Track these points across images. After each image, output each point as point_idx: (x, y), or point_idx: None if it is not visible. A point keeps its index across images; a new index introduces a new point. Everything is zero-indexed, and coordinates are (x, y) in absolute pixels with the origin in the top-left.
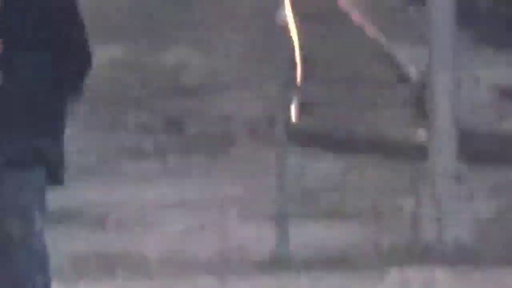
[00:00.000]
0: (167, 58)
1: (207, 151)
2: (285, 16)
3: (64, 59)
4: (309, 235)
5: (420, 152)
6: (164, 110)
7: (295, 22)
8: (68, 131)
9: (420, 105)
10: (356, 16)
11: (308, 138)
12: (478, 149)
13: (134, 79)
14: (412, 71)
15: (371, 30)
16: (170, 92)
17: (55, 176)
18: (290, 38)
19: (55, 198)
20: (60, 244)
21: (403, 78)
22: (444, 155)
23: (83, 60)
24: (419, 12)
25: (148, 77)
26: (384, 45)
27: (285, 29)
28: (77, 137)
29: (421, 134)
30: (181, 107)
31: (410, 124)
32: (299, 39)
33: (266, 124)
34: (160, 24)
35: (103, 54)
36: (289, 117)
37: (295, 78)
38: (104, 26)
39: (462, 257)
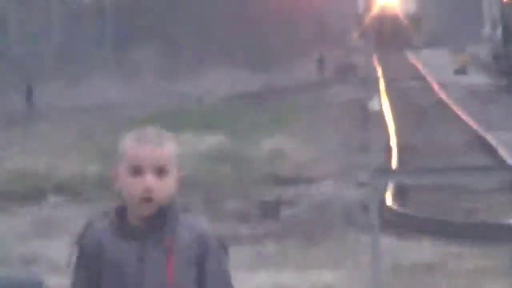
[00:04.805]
0: (263, 148)
1: (303, 237)
2: (378, 105)
3: None
4: None
5: None
6: (260, 198)
7: (390, 111)
8: None
9: None
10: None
11: (404, 223)
12: None
13: (232, 167)
14: (509, 157)
15: (465, 118)
16: (266, 180)
17: None
18: (384, 126)
19: None
20: None
21: (500, 164)
22: None
23: None
24: None
25: (245, 166)
26: (479, 132)
27: (378, 117)
28: None
29: None
30: (278, 195)
31: (507, 209)
32: (395, 127)
33: (361, 210)
34: (256, 115)
35: (203, 143)
36: (384, 203)
37: (389, 165)
38: (204, 117)
39: None
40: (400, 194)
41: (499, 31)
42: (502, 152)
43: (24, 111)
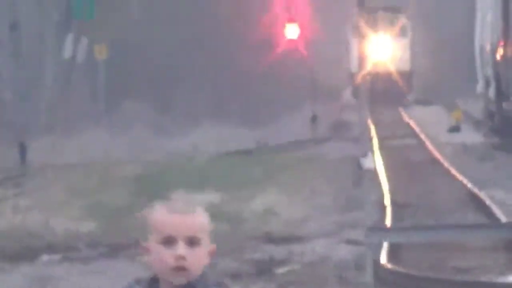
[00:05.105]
0: (256, 205)
1: None
2: (372, 163)
3: None
4: None
5: None
6: (254, 257)
7: (383, 168)
8: None
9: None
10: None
11: (398, 282)
12: None
13: (224, 225)
14: (502, 215)
15: (459, 176)
16: (259, 238)
17: None
18: (378, 184)
19: None
20: None
21: (494, 222)
22: None
23: None
24: (508, 158)
25: (238, 224)
26: (472, 190)
27: (372, 175)
28: None
29: None
30: (271, 254)
31: (501, 267)
32: (388, 185)
33: (354, 268)
34: (248, 172)
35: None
36: (378, 261)
37: (383, 222)
38: (196, 174)
39: None
40: (392, 252)
41: (492, 89)
42: (496, 210)
43: (17, 168)
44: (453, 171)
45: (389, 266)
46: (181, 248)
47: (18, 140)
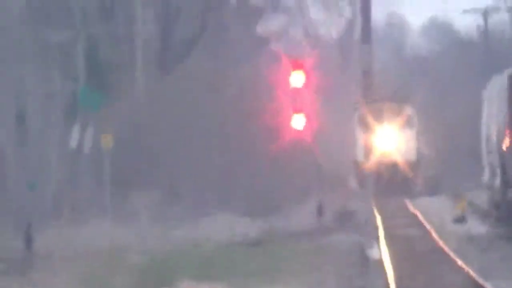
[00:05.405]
0: None
1: None
2: (377, 252)
3: None
4: None
5: None
6: None
7: (389, 258)
8: None
9: None
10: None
11: None
12: None
13: None
14: None
15: (464, 266)
16: None
17: None
18: (383, 273)
19: None
20: None
21: None
22: None
23: None
24: None
25: None
26: (478, 281)
27: (377, 264)
28: None
29: None
30: None
31: None
32: (393, 274)
33: None
34: (254, 262)
35: None
36: None
37: None
38: (202, 264)
39: None
40: None
41: (498, 179)
42: None
43: (23, 257)
44: (459, 262)
45: None
46: None
47: (23, 228)
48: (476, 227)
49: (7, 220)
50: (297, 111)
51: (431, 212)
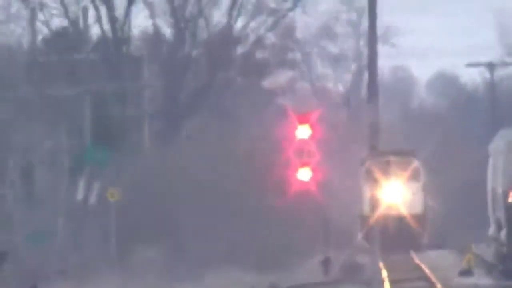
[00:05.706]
0: None
1: None
2: None
3: None
4: None
5: None
6: None
7: None
8: None
9: None
10: None
11: None
12: None
13: None
14: None
15: None
16: None
17: None
18: None
19: None
20: None
21: None
22: None
23: None
24: None
25: None
26: None
27: None
28: None
29: None
30: None
31: None
32: None
33: None
34: None
35: None
36: None
37: None
38: None
39: None
40: None
41: (504, 232)
42: None
43: None
44: None
45: None
46: None
47: (30, 284)
48: (482, 279)
49: (13, 276)
50: (303, 164)
51: (437, 265)
